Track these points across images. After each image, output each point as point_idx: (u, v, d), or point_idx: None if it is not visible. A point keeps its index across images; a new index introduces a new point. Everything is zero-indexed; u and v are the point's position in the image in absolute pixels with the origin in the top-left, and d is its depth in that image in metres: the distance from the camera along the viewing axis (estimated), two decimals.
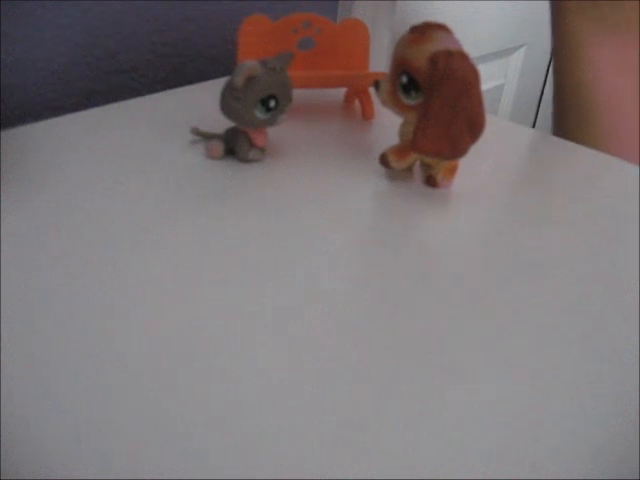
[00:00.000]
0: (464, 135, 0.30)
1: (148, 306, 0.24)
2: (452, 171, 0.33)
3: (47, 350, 0.21)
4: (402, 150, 0.33)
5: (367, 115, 0.42)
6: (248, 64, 0.31)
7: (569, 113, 0.41)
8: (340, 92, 0.44)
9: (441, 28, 0.30)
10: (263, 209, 0.30)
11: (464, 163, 0.33)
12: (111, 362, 0.21)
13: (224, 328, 0.23)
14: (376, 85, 0.32)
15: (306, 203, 0.31)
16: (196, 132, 0.36)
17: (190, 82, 0.47)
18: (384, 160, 0.33)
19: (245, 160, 0.35)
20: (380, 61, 0.56)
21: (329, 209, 0.31)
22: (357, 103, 0.43)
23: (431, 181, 0.33)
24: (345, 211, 0.31)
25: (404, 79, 0.30)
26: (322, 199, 0.32)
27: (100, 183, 0.32)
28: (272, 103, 0.32)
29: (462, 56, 0.29)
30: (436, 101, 0.29)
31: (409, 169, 0.34)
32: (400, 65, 0.30)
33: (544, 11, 0.95)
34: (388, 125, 0.34)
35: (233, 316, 0.23)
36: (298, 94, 0.34)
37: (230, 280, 0.25)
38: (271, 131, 0.35)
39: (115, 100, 0.42)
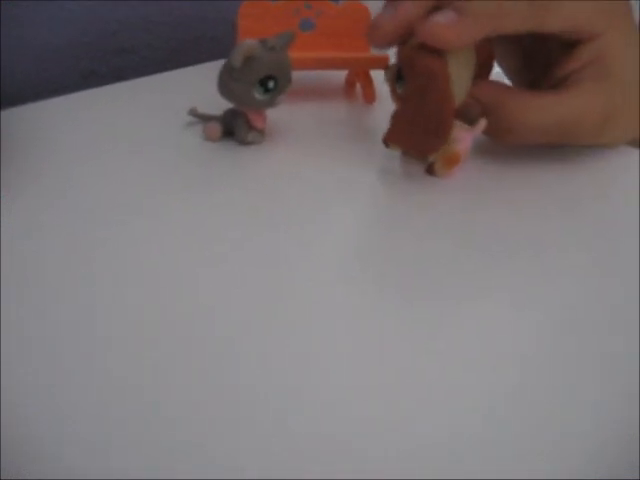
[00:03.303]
0: (426, 135, 0.29)
1: (145, 289, 0.23)
2: (452, 162, 0.32)
3: (46, 339, 0.21)
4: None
5: (368, 98, 0.41)
6: (247, 43, 0.31)
7: None
8: (341, 75, 0.44)
9: None
10: (262, 192, 0.30)
11: (475, 155, 0.32)
12: (112, 350, 0.21)
13: (221, 311, 0.22)
14: (387, 68, 0.32)
15: (306, 186, 0.31)
16: (194, 113, 0.36)
17: (190, 64, 0.47)
18: (385, 141, 0.33)
19: (244, 142, 0.34)
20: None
21: (329, 192, 0.30)
22: (358, 86, 0.43)
23: (430, 170, 0.32)
24: (345, 194, 0.30)
25: (395, 68, 0.30)
26: (322, 182, 0.31)
27: (97, 163, 0.31)
28: (271, 84, 0.32)
29: (432, 52, 0.28)
30: (406, 96, 0.29)
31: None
32: (400, 55, 0.30)
33: None
34: (389, 109, 0.33)
35: (230, 300, 0.23)
36: (298, 76, 0.34)
37: (227, 263, 0.25)
38: (271, 113, 0.34)
39: (114, 81, 0.41)
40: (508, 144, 0.33)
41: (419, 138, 0.29)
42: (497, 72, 0.35)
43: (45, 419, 0.18)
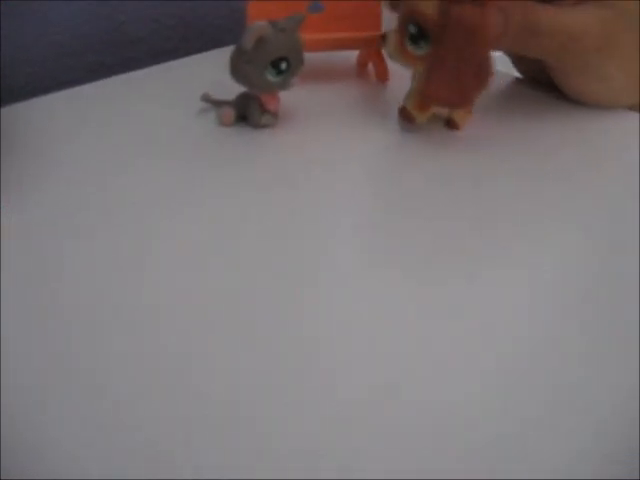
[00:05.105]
0: (472, 82, 0.30)
1: (161, 281, 0.23)
2: (469, 111, 0.33)
3: (48, 338, 0.21)
4: (423, 104, 0.32)
5: (381, 77, 0.41)
6: (258, 25, 0.31)
7: None
8: (353, 55, 0.43)
9: None
10: (278, 174, 0.30)
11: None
12: (115, 347, 0.21)
13: (236, 299, 0.22)
14: (383, 38, 0.32)
15: (322, 167, 0.30)
16: (207, 99, 0.35)
17: (199, 53, 0.46)
18: (406, 114, 0.33)
19: (258, 126, 0.34)
20: (392, 22, 0.55)
21: (345, 171, 0.30)
22: (371, 66, 0.42)
23: (452, 124, 0.33)
24: (362, 174, 0.30)
25: (413, 29, 0.30)
26: (337, 161, 0.31)
27: (110, 153, 0.31)
28: (283, 65, 0.32)
29: (472, 3, 0.28)
30: (445, 49, 0.29)
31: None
32: (409, 16, 0.30)
33: None
34: (402, 87, 0.33)
35: (243, 287, 0.23)
36: (310, 58, 0.33)
37: (245, 247, 0.25)
38: (283, 96, 0.34)
39: (123, 73, 0.41)
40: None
41: (463, 88, 0.30)
42: None
43: (45, 419, 0.18)
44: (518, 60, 0.40)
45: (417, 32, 0.30)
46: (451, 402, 0.18)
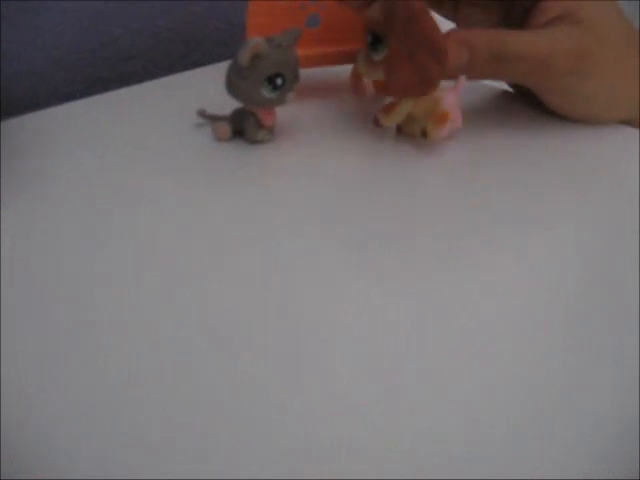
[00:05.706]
0: (429, 64, 0.29)
1: (155, 293, 0.23)
2: (441, 120, 0.32)
3: (47, 339, 0.21)
4: (388, 106, 0.33)
5: (377, 92, 0.41)
6: (253, 41, 0.31)
7: None
8: (348, 69, 0.43)
9: None
10: (273, 190, 0.30)
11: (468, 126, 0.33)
12: (113, 350, 0.20)
13: (232, 321, 0.22)
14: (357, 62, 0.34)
15: (318, 181, 0.30)
16: (202, 115, 0.35)
17: (195, 68, 0.46)
18: (374, 120, 0.34)
19: (254, 141, 0.34)
20: None
21: (343, 185, 0.30)
22: (366, 79, 0.42)
23: (424, 133, 0.33)
24: (358, 188, 0.30)
25: (369, 38, 0.31)
26: (335, 176, 0.31)
27: (107, 168, 0.31)
28: (279, 81, 0.32)
29: None
30: (391, 40, 0.30)
31: (412, 131, 0.34)
32: (366, 29, 0.32)
33: None
34: None
35: (239, 303, 0.23)
36: (306, 73, 0.33)
37: (239, 262, 0.25)
38: (280, 111, 0.34)
39: (120, 87, 0.41)
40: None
41: (420, 72, 0.30)
42: None
43: (45, 419, 0.18)
44: None
45: (373, 38, 0.31)
46: (450, 404, 0.18)
